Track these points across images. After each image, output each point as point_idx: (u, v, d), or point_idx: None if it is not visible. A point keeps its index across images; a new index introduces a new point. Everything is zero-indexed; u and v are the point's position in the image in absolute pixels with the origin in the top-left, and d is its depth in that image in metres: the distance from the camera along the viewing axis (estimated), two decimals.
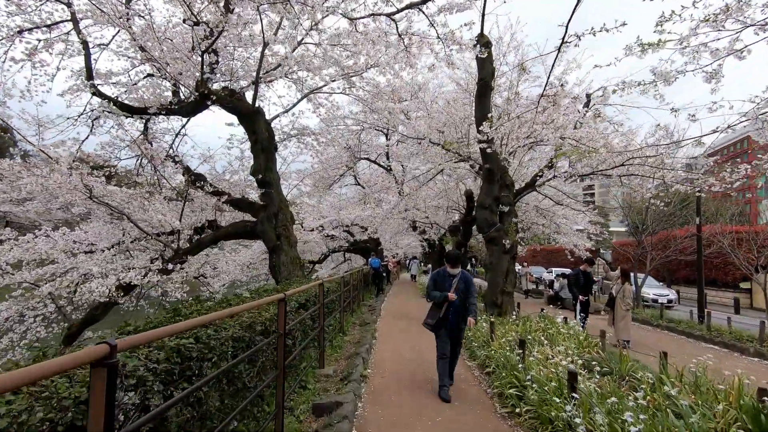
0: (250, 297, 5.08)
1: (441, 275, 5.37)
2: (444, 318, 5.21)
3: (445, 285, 5.25)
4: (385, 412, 4.63)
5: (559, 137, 9.75)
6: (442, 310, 5.18)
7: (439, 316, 5.23)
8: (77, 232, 10.70)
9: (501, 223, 10.10)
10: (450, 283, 5.22)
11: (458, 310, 5.21)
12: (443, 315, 5.20)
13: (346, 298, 10.05)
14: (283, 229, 9.65)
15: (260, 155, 9.60)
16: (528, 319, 8.78)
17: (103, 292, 6.23)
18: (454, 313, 5.21)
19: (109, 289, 6.36)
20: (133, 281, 6.83)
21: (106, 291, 6.29)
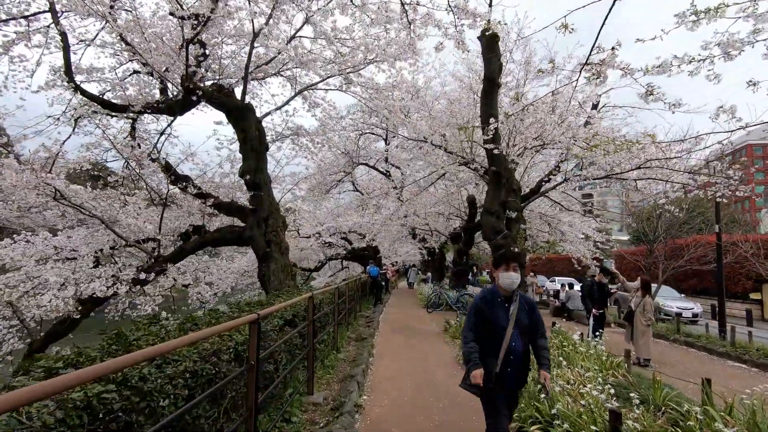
0: (225, 314, 4.29)
1: (488, 300, 3.14)
2: (501, 376, 2.99)
3: (497, 318, 3.05)
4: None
5: (570, 137, 9.04)
6: (498, 363, 2.97)
7: (494, 373, 2.98)
8: (59, 238, 9.92)
9: (508, 230, 9.33)
10: (504, 316, 3.05)
11: (520, 359, 3.04)
12: (500, 371, 2.98)
13: (341, 310, 9.24)
14: (273, 235, 8.86)
15: (250, 155, 8.84)
16: None
17: (56, 306, 5.41)
18: (515, 363, 3.01)
19: (65, 302, 5.55)
20: (96, 293, 6.03)
21: (60, 305, 5.47)
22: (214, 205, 9.09)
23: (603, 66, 2.97)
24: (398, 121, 10.54)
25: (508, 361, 2.99)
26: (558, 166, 11.19)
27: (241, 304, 5.65)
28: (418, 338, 9.43)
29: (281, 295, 7.06)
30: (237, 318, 3.70)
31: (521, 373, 3.12)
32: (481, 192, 15.38)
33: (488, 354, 3.03)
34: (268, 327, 4.34)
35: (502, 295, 3.13)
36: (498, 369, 2.98)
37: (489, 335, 3.05)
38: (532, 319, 3.15)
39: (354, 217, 18.87)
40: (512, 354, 3.00)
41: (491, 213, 9.42)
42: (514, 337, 3.01)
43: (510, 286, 3.11)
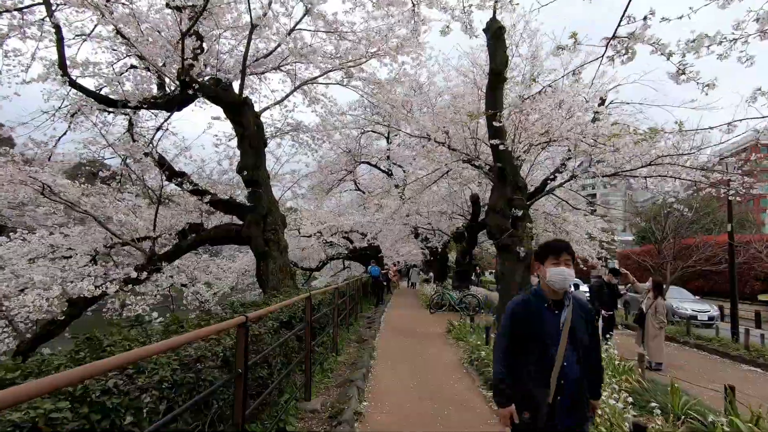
0: (217, 316, 4.01)
1: (530, 306, 2.36)
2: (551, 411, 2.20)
3: (543, 331, 2.28)
4: None
5: (579, 133, 8.73)
6: (549, 392, 2.19)
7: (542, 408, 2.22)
8: (55, 236, 9.68)
9: (514, 229, 9.02)
10: (554, 327, 2.28)
11: (575, 386, 2.23)
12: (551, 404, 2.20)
13: (342, 311, 8.94)
14: (272, 234, 8.58)
15: (248, 151, 8.57)
16: None
17: (39, 306, 5.13)
18: (570, 392, 2.21)
19: (49, 302, 5.27)
20: (84, 293, 5.75)
21: (44, 305, 5.18)
22: (211, 203, 8.82)
23: (633, 40, 2.67)
24: (400, 116, 10.24)
25: (560, 388, 2.18)
26: (564, 163, 10.88)
27: (236, 305, 5.38)
28: (420, 340, 9.14)
29: (279, 296, 6.78)
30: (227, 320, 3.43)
31: (579, 404, 2.24)
32: (484, 191, 15.06)
33: (532, 380, 2.24)
34: (261, 330, 4.06)
35: (549, 299, 2.31)
36: (551, 400, 2.17)
37: (532, 354, 2.25)
38: (589, 329, 2.35)
39: (355, 216, 18.58)
40: (565, 378, 2.18)
41: (497, 211, 9.12)
42: (569, 356, 2.20)
43: (562, 285, 2.28)
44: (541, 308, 2.32)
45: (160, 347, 1.99)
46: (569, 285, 2.35)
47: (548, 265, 2.35)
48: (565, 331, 2.24)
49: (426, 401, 5.19)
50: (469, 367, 6.90)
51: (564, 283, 2.29)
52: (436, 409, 4.92)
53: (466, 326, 9.34)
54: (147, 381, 2.14)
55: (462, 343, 8.38)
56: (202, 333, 2.39)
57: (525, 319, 2.32)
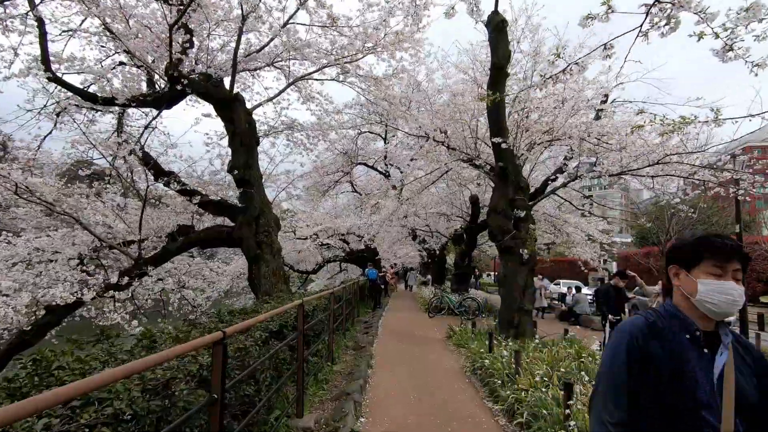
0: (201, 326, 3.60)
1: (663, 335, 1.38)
2: None
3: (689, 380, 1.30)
4: None
5: (584, 130, 8.41)
6: None
7: None
8: (42, 239, 9.26)
9: (516, 230, 8.67)
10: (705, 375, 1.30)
11: None
12: None
13: (338, 316, 8.54)
14: (264, 236, 8.18)
15: (239, 150, 8.17)
16: (553, 343, 7.30)
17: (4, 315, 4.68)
18: None
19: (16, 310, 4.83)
20: (56, 300, 5.32)
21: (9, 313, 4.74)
22: (201, 204, 8.41)
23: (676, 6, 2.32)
24: (398, 114, 9.87)
25: None
26: (566, 163, 10.54)
27: (223, 312, 4.97)
28: (420, 346, 8.74)
29: (270, 301, 6.38)
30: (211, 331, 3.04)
31: None
32: (484, 192, 14.73)
33: None
34: (248, 342, 3.66)
35: (696, 328, 1.38)
36: None
37: (668, 415, 1.30)
38: (763, 385, 1.34)
39: (352, 217, 18.19)
40: None
41: (498, 212, 8.77)
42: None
43: (726, 310, 1.35)
44: (682, 341, 1.36)
45: (120, 373, 1.61)
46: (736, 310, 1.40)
47: (703, 273, 1.38)
48: (730, 388, 1.27)
49: (428, 416, 4.79)
50: (472, 377, 6.51)
51: (730, 308, 1.35)
52: (439, 425, 4.53)
53: (467, 332, 8.95)
54: (94, 417, 1.74)
55: (463, 350, 7.99)
56: (172, 353, 2.00)
57: (654, 359, 1.34)
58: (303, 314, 4.53)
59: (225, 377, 2.31)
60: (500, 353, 6.54)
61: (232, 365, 3.18)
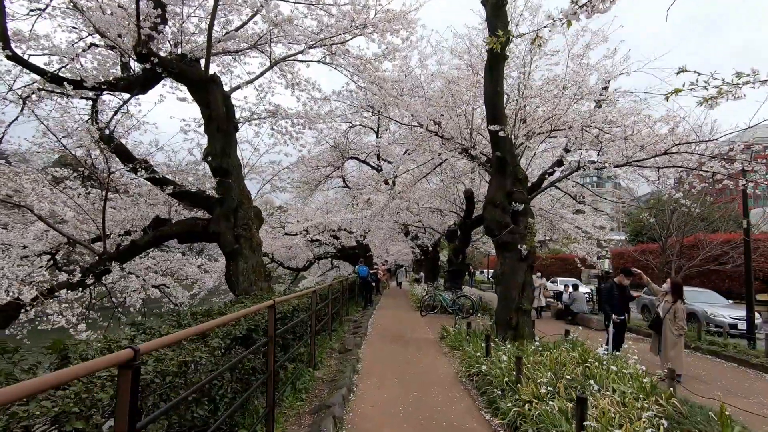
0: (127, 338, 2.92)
1: None
2: None
3: None
4: None
5: (587, 118, 7.83)
6: None
7: None
8: (12, 233, 8.53)
9: (515, 224, 8.07)
10: None
11: None
12: None
13: (322, 316, 7.90)
14: (243, 230, 7.50)
15: (215, 135, 7.47)
16: (555, 345, 6.71)
17: None
18: None
19: None
20: None
21: None
22: (174, 194, 7.69)
23: None
24: (390, 100, 9.22)
25: None
26: (563, 156, 9.97)
27: (183, 314, 4.31)
28: (412, 348, 8.12)
29: (244, 301, 5.71)
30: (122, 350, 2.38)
31: None
32: (479, 186, 14.13)
33: None
34: (202, 354, 3.01)
35: None
36: None
37: None
38: None
39: (342, 212, 17.54)
40: None
41: (495, 205, 8.15)
42: None
43: None
44: None
45: None
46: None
47: None
48: None
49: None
50: (468, 383, 5.90)
51: None
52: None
53: (462, 333, 8.35)
54: None
55: (458, 353, 7.38)
56: (45, 383, 1.35)
57: None
58: (274, 317, 3.87)
59: (134, 412, 1.65)
60: (498, 358, 5.93)
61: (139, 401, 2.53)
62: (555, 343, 6.94)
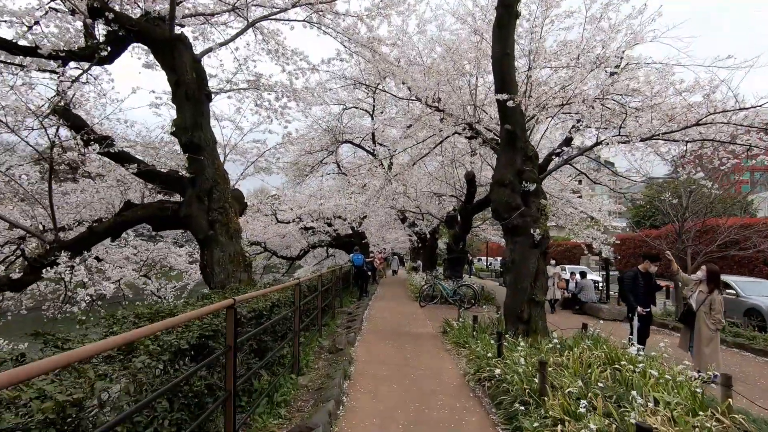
0: None
1: None
2: None
3: None
4: None
5: (608, 85, 6.86)
6: None
7: None
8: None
9: (526, 206, 7.13)
10: None
11: None
12: None
13: (310, 312, 6.98)
14: (219, 213, 6.52)
15: (184, 104, 6.43)
16: (575, 343, 5.82)
17: None
18: None
19: None
20: None
21: None
22: (140, 173, 6.68)
23: None
24: (385, 67, 8.19)
25: None
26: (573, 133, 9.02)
27: (121, 317, 3.37)
28: (411, 345, 7.23)
29: (213, 297, 4.78)
30: None
31: None
32: (480, 169, 13.16)
33: None
34: (136, 367, 2.07)
35: None
36: None
37: None
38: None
39: (336, 197, 16.57)
40: None
41: (504, 185, 7.20)
42: None
43: None
44: None
45: None
46: None
47: None
48: None
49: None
50: (478, 390, 5.01)
51: None
52: None
53: (467, 327, 7.45)
54: None
55: (464, 351, 6.49)
56: None
57: None
58: (234, 320, 2.93)
59: None
60: (514, 359, 5.04)
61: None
62: (574, 339, 6.06)
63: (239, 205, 7.54)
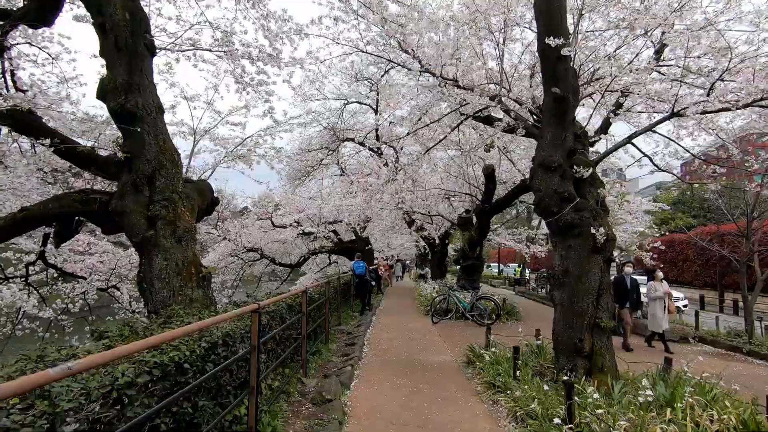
0: None
1: None
2: None
3: None
4: None
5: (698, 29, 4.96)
6: None
7: None
8: None
9: (582, 198, 5.19)
10: None
11: None
12: None
13: (294, 338, 5.04)
14: (163, 208, 4.64)
15: (114, 57, 4.59)
16: (675, 396, 3.84)
17: None
18: None
19: None
20: None
21: None
22: (63, 153, 4.83)
23: None
24: (394, 32, 6.35)
25: None
26: (615, 114, 7.13)
27: None
28: (427, 386, 5.25)
29: (122, 335, 2.89)
30: None
31: None
32: (498, 163, 11.22)
33: None
34: None
35: None
36: None
37: None
38: None
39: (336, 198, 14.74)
40: None
41: (551, 169, 5.28)
42: None
43: None
44: None
45: None
46: None
47: None
48: None
49: None
50: None
51: None
52: None
53: (502, 361, 5.46)
54: None
55: (504, 399, 4.51)
56: None
57: None
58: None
59: None
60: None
61: None
62: (673, 390, 4.07)
63: (202, 199, 5.65)
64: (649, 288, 8.07)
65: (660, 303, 7.69)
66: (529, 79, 7.44)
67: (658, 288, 7.84)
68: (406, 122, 8.26)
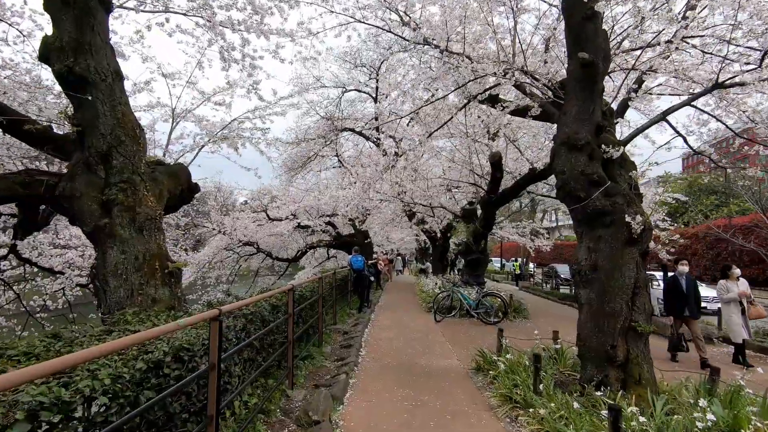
0: None
1: None
2: None
3: None
4: None
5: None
6: None
7: None
8: None
9: (612, 182, 4.43)
10: None
11: None
12: None
13: (274, 346, 4.30)
14: (121, 191, 3.88)
15: (60, 12, 3.82)
16: (738, 420, 3.11)
17: None
18: None
19: None
20: None
21: None
22: (4, 128, 4.07)
23: None
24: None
25: None
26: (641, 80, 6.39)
27: None
28: (432, 398, 4.53)
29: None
30: None
31: None
32: (505, 151, 10.46)
33: None
34: None
35: None
36: None
37: None
38: None
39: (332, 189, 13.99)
40: None
41: (577, 148, 4.52)
42: None
43: None
44: None
45: None
46: None
47: None
48: None
49: None
50: None
51: None
52: None
53: (520, 369, 4.72)
54: None
55: (526, 418, 3.78)
56: None
57: None
58: None
59: None
60: None
61: None
62: (737, 412, 3.34)
63: (174, 183, 4.88)
64: (719, 288, 6.55)
65: (735, 306, 6.25)
66: (544, 53, 6.66)
67: (732, 288, 6.32)
68: (407, 103, 7.52)
